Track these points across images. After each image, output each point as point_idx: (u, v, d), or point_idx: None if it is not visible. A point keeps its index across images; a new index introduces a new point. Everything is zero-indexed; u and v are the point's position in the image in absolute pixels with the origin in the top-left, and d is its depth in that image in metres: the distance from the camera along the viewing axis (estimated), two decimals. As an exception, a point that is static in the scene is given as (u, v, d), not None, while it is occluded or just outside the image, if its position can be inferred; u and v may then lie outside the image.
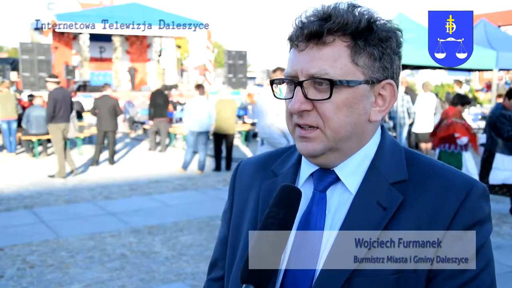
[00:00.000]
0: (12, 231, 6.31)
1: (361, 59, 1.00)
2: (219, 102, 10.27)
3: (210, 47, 23.66)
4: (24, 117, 11.62)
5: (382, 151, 1.07)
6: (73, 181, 9.36)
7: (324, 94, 0.99)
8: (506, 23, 37.41)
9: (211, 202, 7.86)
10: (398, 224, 0.98)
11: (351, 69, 0.99)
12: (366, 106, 1.02)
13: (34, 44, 19.56)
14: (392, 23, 1.04)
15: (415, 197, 1.00)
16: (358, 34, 0.99)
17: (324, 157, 1.04)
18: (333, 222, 1.03)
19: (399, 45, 1.05)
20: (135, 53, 26.58)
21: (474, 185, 1.00)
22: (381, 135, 1.10)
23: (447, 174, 1.03)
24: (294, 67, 1.01)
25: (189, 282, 4.74)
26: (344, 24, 0.97)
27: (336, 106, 0.99)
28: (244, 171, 1.24)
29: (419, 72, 23.90)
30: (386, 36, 1.01)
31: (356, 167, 1.05)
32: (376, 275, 0.96)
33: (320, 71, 0.98)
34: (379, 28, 1.01)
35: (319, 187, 1.07)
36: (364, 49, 0.99)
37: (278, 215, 0.94)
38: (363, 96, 1.01)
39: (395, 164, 1.05)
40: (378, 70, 1.02)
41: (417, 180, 1.03)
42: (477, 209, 0.99)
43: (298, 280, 1.01)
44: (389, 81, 1.04)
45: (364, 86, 1.01)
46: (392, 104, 1.06)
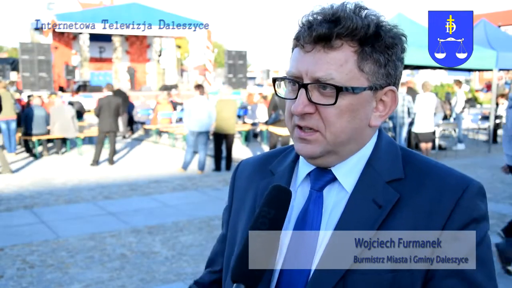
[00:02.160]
0: (12, 231, 6.31)
1: (367, 66, 1.00)
2: (219, 102, 10.26)
3: (210, 47, 23.68)
4: (24, 117, 11.62)
5: (378, 150, 1.07)
6: (73, 181, 9.37)
7: (329, 99, 0.99)
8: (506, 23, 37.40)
9: (211, 202, 7.85)
10: (394, 222, 0.98)
11: (357, 75, 0.99)
12: (368, 112, 1.03)
13: (34, 44, 19.56)
14: (398, 28, 1.04)
15: (411, 195, 1.00)
16: (366, 40, 0.99)
17: (322, 159, 1.05)
18: (329, 221, 1.03)
19: (404, 51, 1.05)
20: (135, 53, 26.60)
21: (470, 184, 1.01)
22: (377, 135, 1.10)
23: (443, 173, 1.03)
24: (299, 68, 1.01)
25: (189, 282, 4.72)
26: (353, 29, 0.97)
27: (339, 112, 0.99)
28: (243, 170, 1.25)
29: (419, 72, 23.89)
30: (392, 43, 1.01)
31: (353, 167, 1.06)
32: (371, 274, 0.96)
33: (326, 76, 0.98)
34: (386, 34, 1.01)
35: (316, 186, 1.07)
36: (370, 55, 1.00)
37: (269, 214, 0.95)
38: (366, 102, 1.02)
39: (391, 163, 1.06)
40: (382, 77, 1.02)
41: (413, 179, 1.03)
42: (473, 207, 0.99)
43: (293, 280, 1.02)
44: (392, 88, 1.05)
45: (367, 92, 1.01)
46: (393, 109, 1.07)
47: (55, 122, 11.73)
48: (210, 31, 23.12)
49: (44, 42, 20.26)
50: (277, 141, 9.65)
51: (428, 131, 10.96)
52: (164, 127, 14.32)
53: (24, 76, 18.37)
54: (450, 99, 16.27)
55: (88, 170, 10.51)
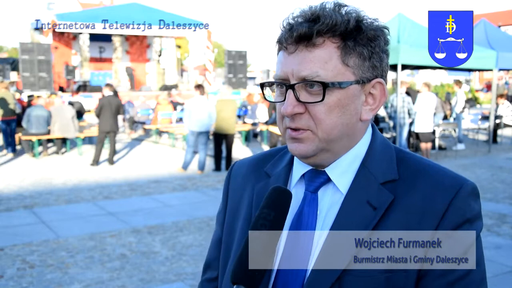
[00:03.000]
0: (12, 231, 6.31)
1: (351, 60, 1.00)
2: (219, 102, 10.26)
3: (210, 47, 23.67)
4: (25, 117, 11.62)
5: (372, 151, 1.07)
6: (73, 181, 9.37)
7: (316, 97, 0.99)
8: (506, 23, 37.41)
9: (211, 202, 7.85)
10: (388, 223, 0.98)
11: (342, 70, 1.00)
12: (357, 106, 1.03)
13: (34, 44, 19.56)
14: (379, 22, 1.04)
15: (405, 196, 1.00)
16: (348, 35, 0.99)
17: (316, 157, 1.04)
18: (324, 223, 1.03)
19: (387, 43, 1.05)
20: (135, 53, 26.60)
21: (463, 184, 1.01)
22: (372, 134, 1.10)
23: (436, 173, 1.03)
24: (285, 70, 1.01)
25: (189, 282, 4.74)
26: (333, 25, 0.98)
27: (328, 108, 0.99)
28: (238, 172, 1.25)
29: (419, 72, 23.90)
30: (374, 35, 1.02)
31: (347, 167, 1.06)
32: (366, 274, 0.96)
33: (311, 74, 0.98)
34: (367, 27, 1.01)
35: (310, 187, 1.07)
36: (353, 49, 1.00)
37: (269, 216, 0.94)
38: (354, 96, 1.02)
39: (385, 164, 1.06)
40: (368, 70, 1.02)
41: (407, 179, 1.03)
42: (466, 207, 0.99)
43: (289, 280, 1.02)
44: (379, 80, 1.05)
45: (355, 86, 1.01)
46: (383, 102, 1.07)
47: (55, 122, 11.73)
48: (210, 31, 23.11)
49: (44, 42, 20.26)
50: (277, 141, 9.65)
51: (428, 131, 10.96)
52: (164, 127, 14.32)
53: (24, 76, 18.37)
54: (450, 99, 16.28)
55: (88, 170, 10.51)
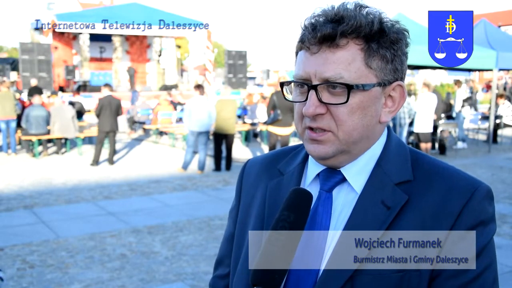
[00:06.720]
0: (12, 231, 6.31)
1: (374, 62, 1.00)
2: (219, 102, 10.26)
3: (210, 47, 23.65)
4: (24, 117, 11.61)
5: (387, 151, 1.07)
6: (73, 181, 9.37)
7: (339, 98, 0.99)
8: (506, 23, 37.39)
9: (211, 202, 7.85)
10: (402, 224, 0.98)
11: (365, 72, 1.00)
12: (378, 108, 1.03)
13: (34, 44, 19.57)
14: (400, 24, 1.04)
15: (419, 197, 1.00)
16: (372, 37, 0.99)
17: (334, 159, 1.05)
18: (338, 222, 1.03)
19: (407, 45, 1.06)
20: (135, 53, 26.60)
21: (479, 186, 1.01)
22: (387, 135, 1.10)
23: (451, 175, 1.03)
24: (307, 70, 1.01)
25: (189, 282, 4.74)
26: (357, 26, 0.98)
27: (350, 110, 0.99)
28: (251, 169, 1.25)
29: (419, 72, 23.88)
30: (397, 38, 1.02)
31: (362, 167, 1.06)
32: (379, 273, 0.96)
33: (335, 75, 0.98)
34: (390, 29, 1.01)
35: (325, 187, 1.07)
36: (377, 51, 1.00)
37: (289, 218, 0.94)
38: (376, 99, 1.02)
39: (400, 165, 1.06)
40: (390, 72, 1.02)
41: (422, 181, 1.03)
42: (481, 210, 0.99)
43: (301, 280, 1.02)
44: (400, 83, 1.05)
45: (377, 88, 1.01)
46: (401, 104, 1.07)
47: (55, 122, 11.73)
48: (210, 31, 23.10)
49: (44, 42, 20.27)
50: (277, 140, 9.63)
51: (428, 131, 10.95)
52: (164, 127, 14.32)
53: (24, 76, 18.37)
54: (450, 99, 16.30)
55: (88, 170, 10.51)
